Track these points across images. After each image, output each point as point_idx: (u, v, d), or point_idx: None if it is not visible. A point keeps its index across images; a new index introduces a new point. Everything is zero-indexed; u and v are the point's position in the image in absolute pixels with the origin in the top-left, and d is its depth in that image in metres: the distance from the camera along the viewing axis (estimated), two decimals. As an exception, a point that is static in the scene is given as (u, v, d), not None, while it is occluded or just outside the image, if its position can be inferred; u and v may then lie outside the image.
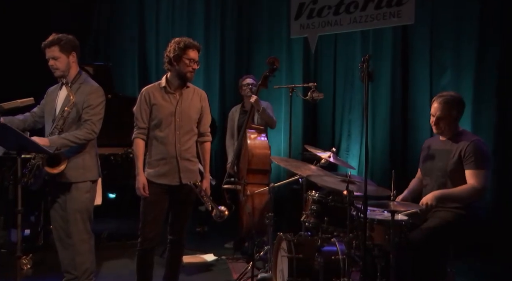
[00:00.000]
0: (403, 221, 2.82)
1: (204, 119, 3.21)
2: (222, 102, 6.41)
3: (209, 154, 3.28)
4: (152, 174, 3.06)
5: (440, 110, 3.02)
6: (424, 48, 4.90)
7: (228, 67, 6.43)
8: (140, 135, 3.08)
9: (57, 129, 2.98)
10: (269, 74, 4.25)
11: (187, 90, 3.12)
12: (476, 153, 2.89)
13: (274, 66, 4.23)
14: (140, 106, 3.08)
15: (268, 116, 4.35)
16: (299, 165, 3.35)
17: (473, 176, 2.87)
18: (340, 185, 2.87)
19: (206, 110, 3.21)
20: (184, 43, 3.01)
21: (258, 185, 3.95)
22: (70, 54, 3.06)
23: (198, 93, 3.18)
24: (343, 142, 5.53)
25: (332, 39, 5.63)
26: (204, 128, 3.24)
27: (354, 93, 5.43)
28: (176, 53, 3.00)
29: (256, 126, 4.37)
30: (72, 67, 3.09)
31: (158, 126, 3.05)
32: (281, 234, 3.25)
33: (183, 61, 3.02)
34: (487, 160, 2.94)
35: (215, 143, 6.23)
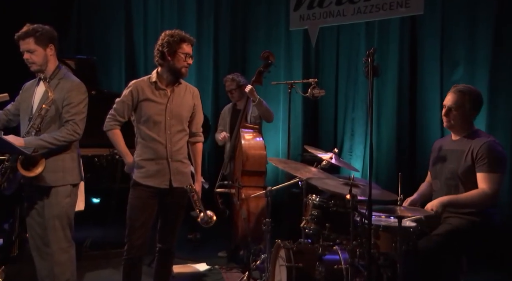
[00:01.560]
0: (411, 227, 2.81)
1: (196, 118, 3.21)
2: (215, 100, 6.41)
3: (201, 155, 3.28)
4: (140, 176, 3.05)
5: (452, 100, 3.01)
6: (434, 41, 4.89)
7: (222, 62, 6.44)
8: (116, 126, 3.08)
9: (33, 128, 2.93)
10: (264, 70, 4.26)
11: (179, 87, 3.12)
12: (490, 154, 2.88)
13: (269, 61, 4.24)
14: (124, 100, 3.06)
15: (265, 107, 4.36)
16: (298, 167, 3.34)
17: (485, 180, 2.86)
18: (343, 188, 2.86)
19: (198, 108, 3.22)
20: (179, 37, 3.01)
21: (254, 188, 3.95)
22: (47, 46, 3.01)
23: (191, 90, 3.18)
24: (345, 142, 5.53)
25: (335, 31, 5.63)
26: (196, 128, 3.24)
27: (358, 89, 5.43)
28: (170, 47, 3.00)
29: (250, 125, 4.37)
30: (50, 61, 3.04)
31: (146, 124, 3.04)
32: (279, 241, 3.24)
33: (177, 56, 3.02)
34: (502, 163, 2.93)
35: (208, 143, 6.23)
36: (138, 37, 6.72)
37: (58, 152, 2.99)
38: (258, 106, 4.33)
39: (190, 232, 5.04)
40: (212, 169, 6.26)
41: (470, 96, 2.99)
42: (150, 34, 6.60)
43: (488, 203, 2.89)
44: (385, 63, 5.12)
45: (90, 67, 4.79)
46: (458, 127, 3.05)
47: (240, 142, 4.22)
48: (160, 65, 3.08)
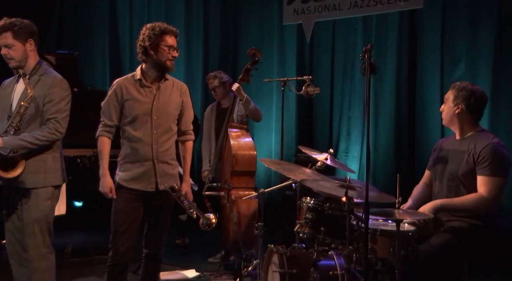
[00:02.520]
0: (410, 231, 2.83)
1: (185, 115, 3.20)
2: (205, 97, 6.40)
3: (190, 154, 3.27)
4: (124, 178, 3.04)
5: (447, 96, 3.06)
6: (434, 36, 4.90)
7: (212, 58, 6.43)
8: (105, 133, 3.06)
9: (12, 127, 2.91)
10: (251, 67, 4.28)
11: (165, 83, 3.10)
12: (493, 157, 2.87)
13: (256, 58, 4.26)
14: (109, 101, 3.05)
15: (253, 106, 4.36)
16: (292, 168, 3.35)
17: (484, 183, 2.86)
18: (339, 190, 2.87)
19: (187, 105, 3.20)
20: (160, 29, 2.99)
21: (244, 189, 3.95)
22: (26, 41, 2.99)
23: (178, 86, 3.16)
24: (341, 143, 5.54)
25: (330, 26, 5.64)
26: (186, 126, 3.23)
27: (355, 87, 5.44)
28: (152, 41, 2.98)
29: (238, 125, 4.38)
30: (30, 56, 3.02)
31: (132, 124, 3.03)
32: (272, 246, 3.24)
33: (161, 49, 2.99)
34: (505, 167, 2.92)
35: (197, 143, 6.21)
36: (123, 31, 6.68)
37: (40, 152, 2.97)
38: (246, 105, 4.34)
39: (178, 237, 5.03)
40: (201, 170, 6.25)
41: (457, 89, 3.00)
42: (136, 28, 6.56)
43: (485, 209, 2.88)
44: (383, 60, 5.13)
45: (72, 63, 4.76)
46: (450, 124, 3.06)
47: (228, 142, 4.22)
48: (143, 61, 3.06)
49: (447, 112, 3.04)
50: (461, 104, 3.00)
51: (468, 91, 3.00)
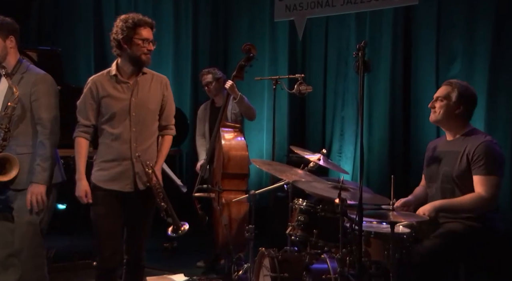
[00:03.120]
0: (404, 234, 2.84)
1: (166, 110, 3.12)
2: (194, 96, 6.39)
3: (168, 147, 3.16)
4: (101, 178, 2.97)
5: (440, 91, 3.07)
6: (430, 34, 4.92)
7: (201, 55, 6.42)
8: (82, 134, 3.00)
9: (2, 129, 2.92)
10: (245, 64, 4.27)
11: (143, 77, 3.02)
12: (487, 155, 2.90)
13: (251, 54, 4.25)
14: (85, 100, 3.00)
15: (247, 104, 4.36)
16: (284, 169, 3.35)
17: (482, 183, 2.88)
18: (332, 192, 2.88)
19: (169, 99, 3.12)
20: (133, 21, 2.91)
21: (235, 192, 3.95)
22: (7, 38, 2.99)
23: (158, 79, 3.08)
24: (335, 143, 5.56)
25: (323, 22, 5.65)
26: (167, 120, 3.15)
27: (348, 86, 5.46)
28: (125, 34, 2.91)
29: (231, 124, 4.36)
30: (10, 54, 3.01)
31: (109, 122, 2.97)
32: (263, 249, 3.24)
33: (134, 43, 2.92)
34: (499, 165, 2.95)
35: (186, 144, 6.21)
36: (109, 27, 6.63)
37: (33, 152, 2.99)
38: (240, 103, 4.33)
39: (166, 240, 5.01)
40: (191, 172, 6.23)
41: (458, 89, 3.02)
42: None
43: (485, 208, 2.91)
44: (377, 58, 5.15)
45: (55, 60, 4.73)
46: (445, 122, 3.07)
47: (220, 143, 4.21)
48: (118, 55, 3.00)
49: (446, 110, 3.03)
50: (463, 104, 3.02)
51: (470, 92, 3.05)
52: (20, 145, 2.99)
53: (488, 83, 4.52)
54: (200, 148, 4.69)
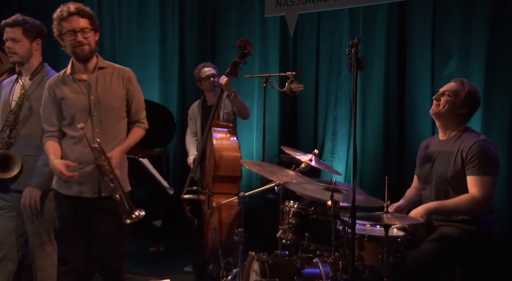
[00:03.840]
0: (399, 237, 2.84)
1: (134, 105, 3.01)
2: (181, 95, 6.38)
3: (135, 136, 3.01)
4: (63, 184, 2.88)
5: (449, 86, 3.09)
6: (425, 30, 4.94)
7: (188, 53, 6.40)
8: (50, 138, 2.94)
9: (7, 126, 3.11)
10: (240, 61, 4.26)
11: (102, 72, 2.94)
12: (482, 155, 2.92)
13: (246, 51, 4.23)
14: (45, 105, 2.96)
15: (241, 102, 4.35)
16: (274, 170, 3.34)
17: (476, 183, 2.90)
18: (324, 194, 2.88)
19: (135, 93, 3.00)
20: (58, 16, 2.86)
21: (226, 195, 3.93)
22: (34, 40, 3.20)
23: (120, 73, 2.97)
24: (327, 143, 5.57)
25: (315, 18, 5.66)
26: (136, 115, 3.03)
27: (341, 84, 5.47)
28: (58, 32, 2.90)
29: (223, 123, 4.35)
30: (34, 56, 3.22)
31: (71, 125, 2.90)
32: (253, 253, 3.24)
33: (65, 38, 2.87)
34: (494, 165, 2.97)
35: (173, 144, 6.19)
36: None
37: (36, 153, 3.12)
38: (234, 101, 4.31)
39: (152, 244, 5.00)
40: (178, 173, 6.22)
41: (468, 90, 3.05)
42: (106, 20, 6.51)
43: (479, 210, 2.92)
44: (371, 55, 5.16)
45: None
46: (445, 118, 3.08)
47: (211, 143, 4.19)
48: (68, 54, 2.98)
49: (451, 106, 3.04)
50: (468, 106, 3.06)
51: (478, 96, 3.09)
52: (28, 146, 3.13)
53: (484, 81, 4.54)
54: (190, 144, 4.67)
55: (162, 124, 5.42)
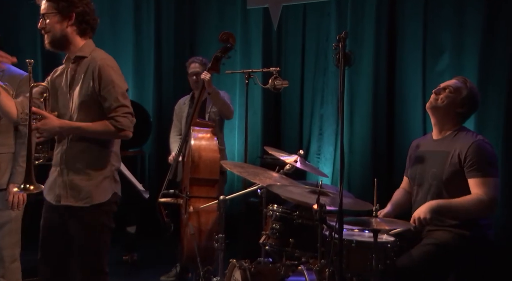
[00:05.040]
0: (388, 243, 2.86)
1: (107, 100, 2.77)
2: (157, 92, 6.35)
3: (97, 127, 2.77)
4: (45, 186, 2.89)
5: (452, 82, 3.13)
6: (416, 24, 4.97)
7: (165, 47, 6.38)
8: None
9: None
10: (222, 55, 4.26)
11: (82, 63, 2.84)
12: (481, 157, 2.95)
13: (229, 45, 4.24)
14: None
15: (222, 101, 4.35)
16: (257, 172, 3.35)
17: (479, 185, 2.92)
18: (309, 197, 2.89)
19: (106, 83, 2.77)
20: None
21: (205, 200, 3.92)
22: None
23: (93, 64, 2.80)
24: (313, 143, 5.59)
25: (300, 11, 5.68)
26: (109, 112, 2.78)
27: (328, 81, 5.49)
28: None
29: (204, 122, 4.34)
30: None
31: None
32: (234, 261, 3.24)
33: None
34: (494, 166, 3.01)
35: (149, 145, 6.17)
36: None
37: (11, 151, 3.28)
38: (214, 100, 4.31)
39: (126, 252, 4.97)
40: (154, 175, 6.19)
41: (470, 90, 3.10)
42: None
43: (486, 212, 2.95)
44: (359, 50, 5.18)
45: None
46: (442, 113, 3.11)
47: (189, 143, 4.18)
48: None
49: (450, 102, 3.09)
50: (467, 106, 3.11)
51: (478, 98, 3.15)
52: (0, 144, 3.24)
53: (478, 79, 4.55)
54: (174, 144, 4.66)
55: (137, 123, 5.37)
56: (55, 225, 2.86)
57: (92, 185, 2.80)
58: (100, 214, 2.82)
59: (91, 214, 2.79)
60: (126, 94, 2.86)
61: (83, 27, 2.85)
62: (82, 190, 2.79)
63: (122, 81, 2.85)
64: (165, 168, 4.59)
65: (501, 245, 4.17)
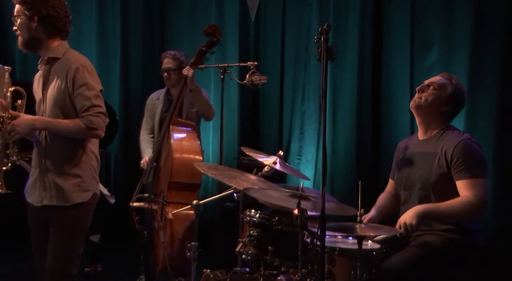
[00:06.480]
0: (374, 250, 2.89)
1: (76, 101, 2.94)
2: (124, 87, 6.31)
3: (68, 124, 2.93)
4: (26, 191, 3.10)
5: (436, 78, 3.18)
6: (403, 16, 5.01)
7: (133, 39, 6.34)
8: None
9: None
10: (207, 50, 4.28)
11: (56, 64, 3.01)
12: (468, 156, 3.00)
13: (214, 39, 4.26)
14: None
15: (204, 100, 4.36)
16: (233, 174, 3.35)
17: (467, 187, 2.96)
18: (290, 201, 2.90)
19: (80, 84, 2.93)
20: None
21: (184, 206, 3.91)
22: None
23: (67, 65, 2.96)
24: (293, 143, 5.61)
25: (280, 1, 5.70)
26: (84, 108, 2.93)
27: (309, 76, 5.52)
28: None
29: (184, 121, 4.34)
30: None
31: None
32: (208, 271, 3.24)
33: None
34: (483, 165, 3.06)
35: (115, 145, 6.12)
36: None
37: None
38: (195, 97, 4.30)
39: (88, 263, 4.91)
40: (121, 178, 6.15)
41: (456, 86, 3.15)
42: None
43: (475, 214, 3.00)
44: (343, 43, 5.21)
45: None
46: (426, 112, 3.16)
47: (168, 144, 4.16)
48: None
49: (434, 100, 3.13)
50: (453, 104, 3.16)
51: (464, 95, 3.20)
52: None
53: (468, 74, 4.59)
54: (145, 144, 4.62)
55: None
56: (41, 226, 3.02)
57: (73, 185, 2.98)
58: (80, 214, 3.01)
59: (71, 213, 2.96)
60: (100, 95, 3.01)
61: (49, 29, 3.00)
62: (63, 190, 2.95)
63: (96, 82, 3.01)
64: (133, 171, 4.58)
65: (492, 249, 4.20)
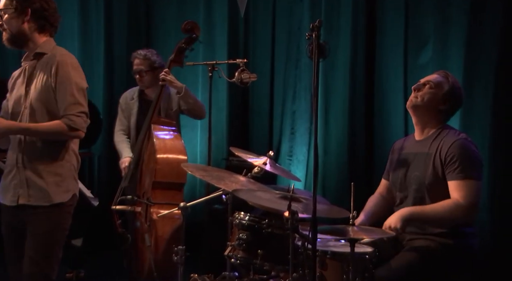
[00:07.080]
0: (366, 253, 2.90)
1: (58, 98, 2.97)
2: (108, 86, 6.29)
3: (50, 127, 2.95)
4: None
5: (432, 77, 3.20)
6: (397, 13, 5.02)
7: (117, 35, 6.32)
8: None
9: None
10: (186, 47, 4.27)
11: (42, 59, 3.04)
12: (463, 157, 3.02)
13: (193, 35, 4.26)
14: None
15: (194, 99, 4.36)
16: (222, 175, 3.35)
17: (458, 188, 2.98)
18: (280, 203, 2.90)
19: (63, 79, 2.96)
20: None
21: (170, 206, 3.91)
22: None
23: (52, 60, 3.00)
24: (284, 143, 5.61)
25: (270, -4, 5.71)
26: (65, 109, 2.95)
27: (300, 74, 5.53)
28: None
29: (166, 120, 4.34)
30: None
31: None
32: (196, 276, 3.24)
33: None
34: (477, 167, 3.08)
35: (98, 146, 6.11)
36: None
37: None
38: (185, 98, 4.30)
39: (70, 269, 4.89)
40: (105, 180, 6.14)
41: (452, 85, 3.16)
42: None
43: (463, 218, 3.01)
44: (335, 40, 5.21)
45: None
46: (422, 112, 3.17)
47: (151, 143, 4.16)
48: None
49: (431, 98, 3.15)
50: (450, 102, 3.17)
51: (461, 93, 3.23)
52: None
53: (463, 72, 4.59)
54: (121, 144, 4.61)
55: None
56: (16, 228, 3.01)
57: (52, 184, 2.99)
58: (59, 215, 3.02)
59: (50, 214, 2.96)
60: (84, 92, 3.04)
61: (41, 23, 3.02)
62: (42, 189, 2.96)
63: (80, 79, 3.04)
64: (117, 172, 4.56)
65: (486, 253, 4.23)
